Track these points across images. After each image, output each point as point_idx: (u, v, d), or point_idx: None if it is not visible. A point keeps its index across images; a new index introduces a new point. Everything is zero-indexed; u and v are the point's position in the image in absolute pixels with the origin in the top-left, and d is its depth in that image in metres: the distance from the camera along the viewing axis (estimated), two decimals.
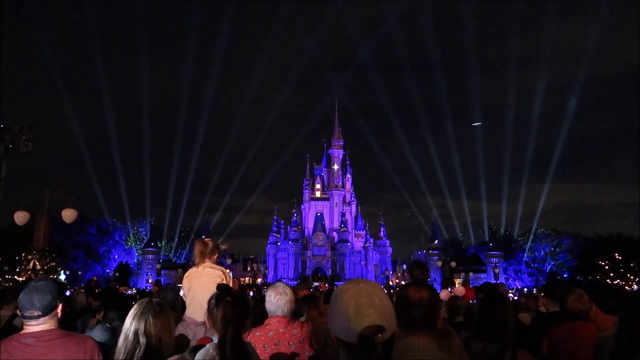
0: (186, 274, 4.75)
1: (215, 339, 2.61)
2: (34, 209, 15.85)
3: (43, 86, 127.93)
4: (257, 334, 3.50)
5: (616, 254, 51.15)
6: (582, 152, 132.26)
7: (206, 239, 4.87)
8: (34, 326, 2.75)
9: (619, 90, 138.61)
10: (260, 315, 4.47)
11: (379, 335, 1.48)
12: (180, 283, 5.55)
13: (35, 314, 2.72)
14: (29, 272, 15.80)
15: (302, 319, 4.59)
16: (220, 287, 2.74)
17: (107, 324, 4.32)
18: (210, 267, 4.62)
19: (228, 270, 4.91)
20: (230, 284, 4.67)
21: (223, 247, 5.17)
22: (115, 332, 3.79)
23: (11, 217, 15.03)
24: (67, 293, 9.51)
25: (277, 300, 3.67)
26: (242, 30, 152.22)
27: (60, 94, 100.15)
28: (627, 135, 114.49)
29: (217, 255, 4.76)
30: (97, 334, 3.89)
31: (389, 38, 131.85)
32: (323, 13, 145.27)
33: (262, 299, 5.35)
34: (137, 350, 2.36)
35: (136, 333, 2.38)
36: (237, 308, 2.59)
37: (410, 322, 2.02)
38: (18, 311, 3.01)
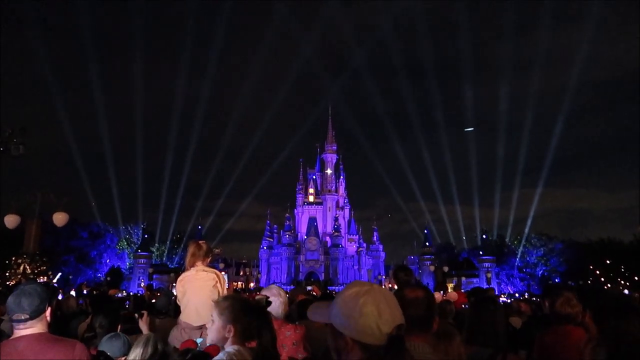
0: (179, 279, 4.62)
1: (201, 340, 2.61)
2: (25, 213, 15.74)
3: (35, 89, 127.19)
4: None
5: (607, 259, 51.50)
6: (570, 158, 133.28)
7: (200, 242, 4.74)
8: (23, 330, 2.74)
9: (610, 97, 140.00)
10: None
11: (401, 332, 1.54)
12: (173, 287, 5.48)
13: (23, 317, 2.72)
14: (19, 276, 15.66)
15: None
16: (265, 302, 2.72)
17: (120, 333, 4.10)
18: (204, 270, 4.52)
19: (223, 273, 4.83)
20: (225, 287, 4.62)
21: (216, 251, 5.07)
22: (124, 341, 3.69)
23: (1, 221, 14.92)
24: (60, 297, 9.42)
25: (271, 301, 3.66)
26: (236, 34, 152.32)
27: (52, 96, 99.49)
28: (617, 141, 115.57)
29: (210, 258, 4.66)
30: (108, 346, 3.69)
31: (383, 44, 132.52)
32: (317, 18, 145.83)
33: None
34: None
35: None
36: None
37: (407, 322, 2.00)
38: (6, 315, 2.99)
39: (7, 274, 16.81)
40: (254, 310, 2.49)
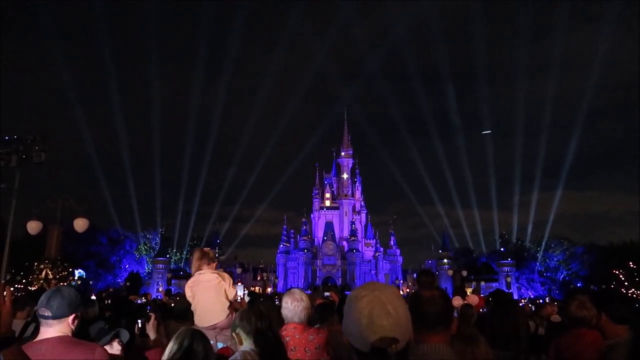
0: (187, 284, 4.78)
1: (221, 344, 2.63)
2: (47, 219, 16.04)
3: (56, 98, 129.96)
4: None
5: (631, 263, 50.32)
6: (588, 160, 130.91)
7: (205, 248, 4.95)
8: (46, 327, 2.82)
9: (628, 99, 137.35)
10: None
11: (393, 347, 1.45)
12: None
13: (46, 314, 2.81)
14: (41, 281, 15.93)
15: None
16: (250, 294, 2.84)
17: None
18: (208, 273, 4.65)
19: (239, 283, 4.96)
20: (230, 286, 4.68)
21: (222, 258, 5.35)
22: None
23: (24, 227, 15.21)
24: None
25: (294, 306, 3.68)
26: (252, 40, 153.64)
27: (72, 105, 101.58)
28: (635, 143, 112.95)
29: (215, 263, 4.81)
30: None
31: (397, 48, 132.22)
32: (332, 23, 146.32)
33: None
34: None
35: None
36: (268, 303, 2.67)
37: (425, 321, 1.95)
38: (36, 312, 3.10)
39: (30, 279, 17.12)
40: (250, 315, 2.55)
